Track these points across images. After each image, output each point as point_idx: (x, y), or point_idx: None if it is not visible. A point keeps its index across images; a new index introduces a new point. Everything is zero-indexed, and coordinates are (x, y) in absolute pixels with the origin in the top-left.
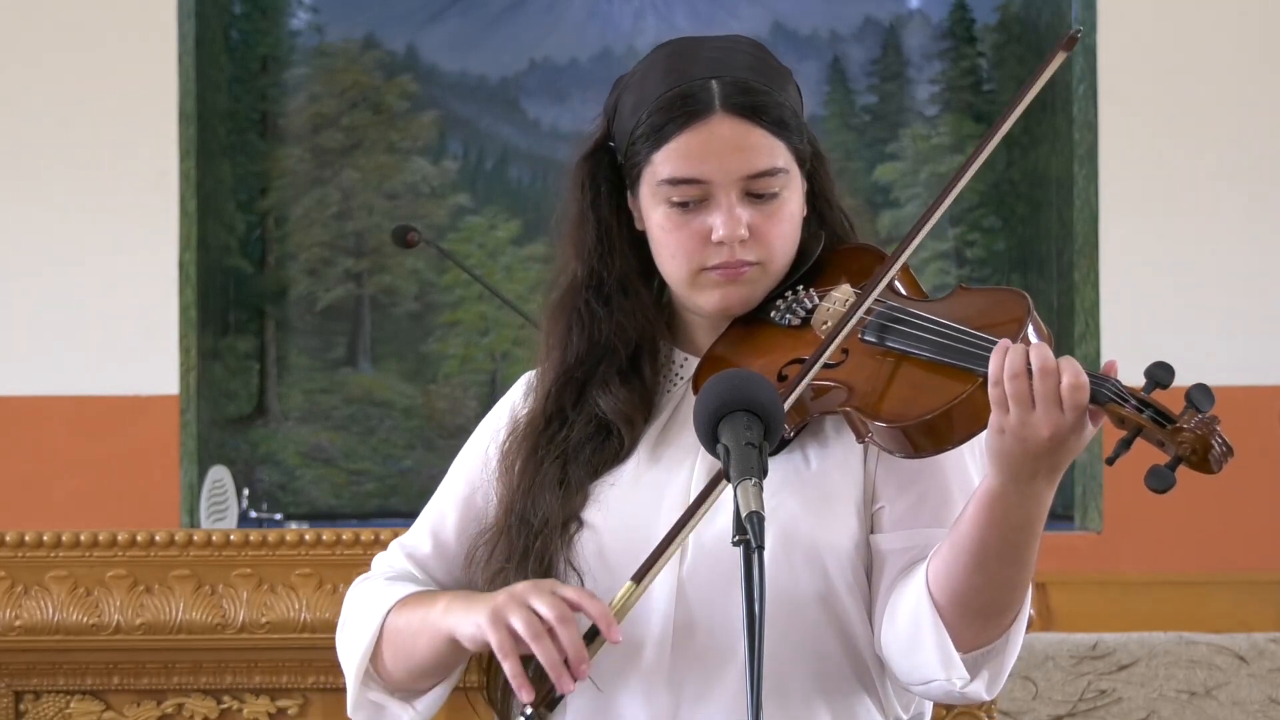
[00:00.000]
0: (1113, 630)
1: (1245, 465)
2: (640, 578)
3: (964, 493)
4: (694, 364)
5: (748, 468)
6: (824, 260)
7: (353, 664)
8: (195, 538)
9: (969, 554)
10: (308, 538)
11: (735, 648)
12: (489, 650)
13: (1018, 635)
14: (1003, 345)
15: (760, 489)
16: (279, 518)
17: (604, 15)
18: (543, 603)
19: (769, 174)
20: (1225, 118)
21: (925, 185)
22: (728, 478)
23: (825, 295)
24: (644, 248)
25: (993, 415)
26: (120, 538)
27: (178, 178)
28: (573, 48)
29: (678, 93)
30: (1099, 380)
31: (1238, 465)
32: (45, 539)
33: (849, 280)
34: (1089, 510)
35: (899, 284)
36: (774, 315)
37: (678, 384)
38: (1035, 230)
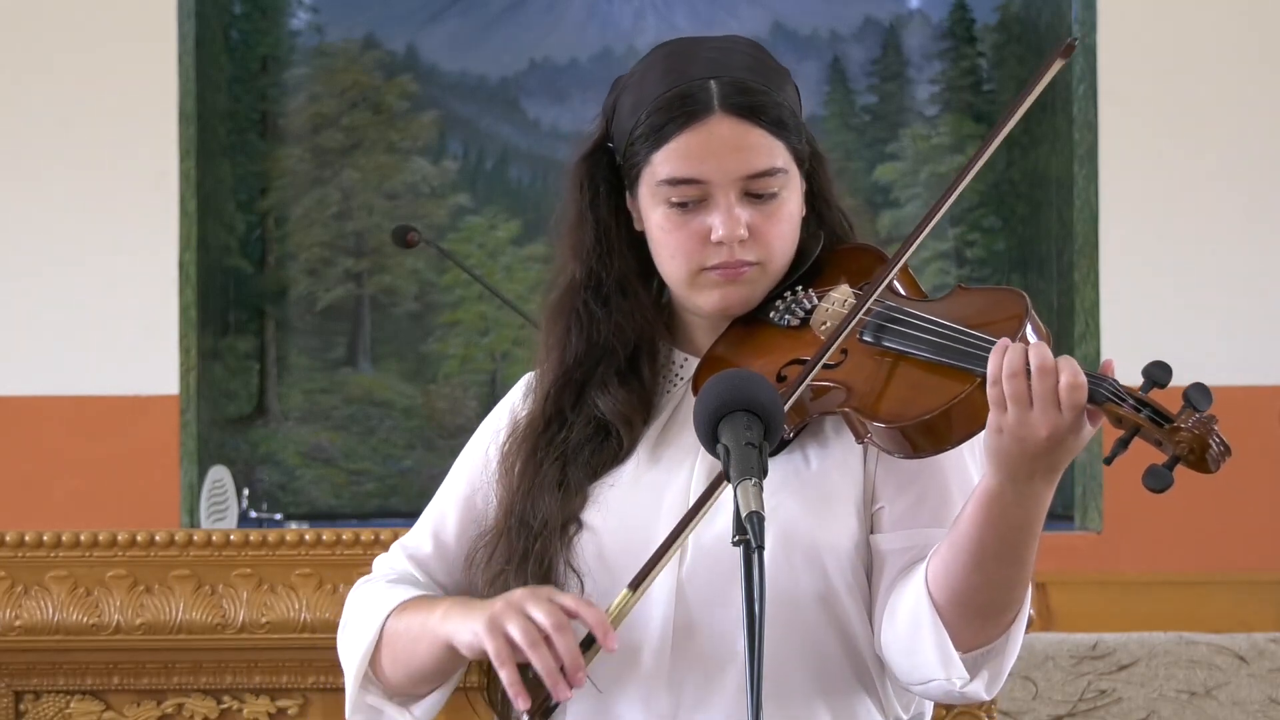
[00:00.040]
0: (1113, 630)
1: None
2: (637, 585)
3: (963, 492)
4: (694, 364)
5: (748, 468)
6: (823, 260)
7: (352, 667)
8: (195, 538)
9: (968, 553)
10: (308, 538)
11: (735, 649)
12: (487, 657)
13: (1017, 635)
14: (1002, 344)
15: (760, 489)
16: (279, 518)
17: (604, 15)
18: (540, 610)
19: (768, 174)
20: (1225, 118)
21: (925, 185)
22: (728, 477)
23: (824, 296)
24: (643, 248)
25: (991, 414)
26: (120, 538)
27: (178, 178)
28: (573, 48)
29: (676, 93)
30: (1097, 380)
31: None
32: (45, 539)
33: (848, 280)
34: (1089, 510)
35: (898, 284)
36: (773, 316)
37: (678, 384)
38: (1035, 230)
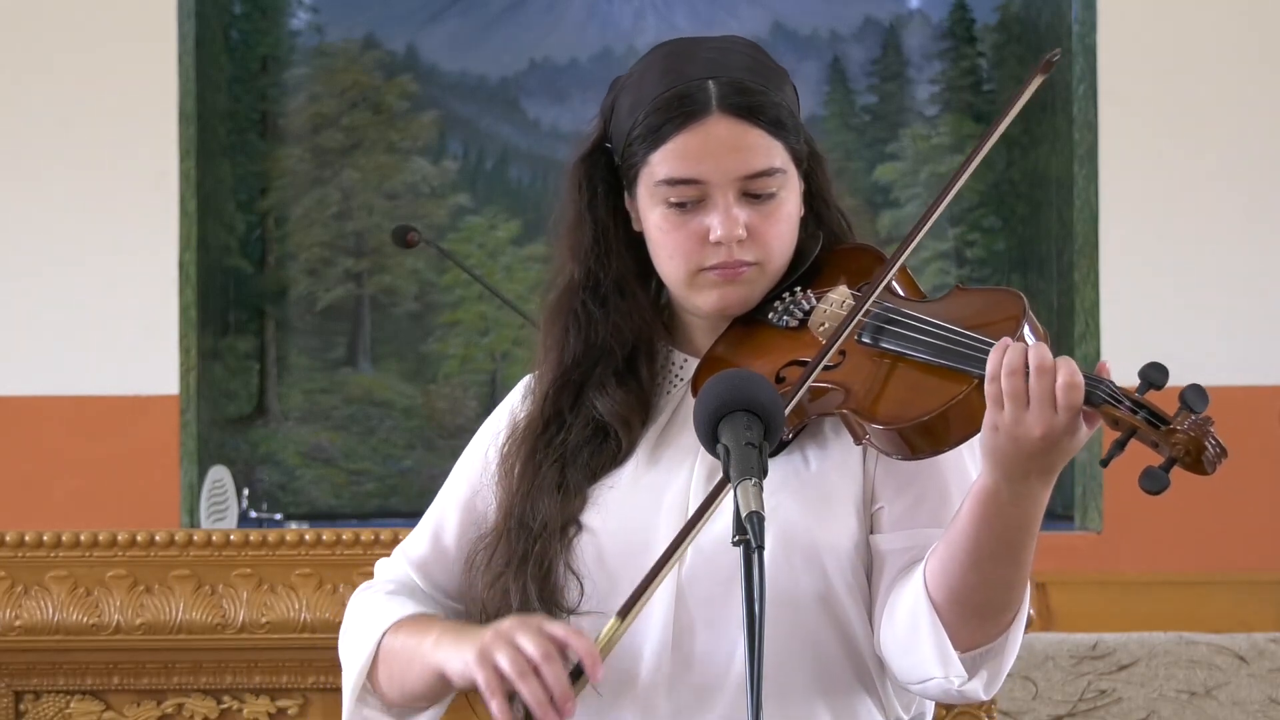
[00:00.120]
0: (1113, 630)
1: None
2: (625, 612)
3: (962, 492)
4: (693, 365)
5: (748, 468)
6: (822, 260)
7: (348, 682)
8: (195, 538)
9: (965, 553)
10: (308, 538)
11: (735, 651)
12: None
13: (1016, 635)
14: (1003, 343)
15: (760, 489)
16: (279, 518)
17: (604, 15)
18: (529, 640)
19: (766, 174)
20: (1225, 118)
21: (925, 185)
22: (728, 477)
23: (822, 297)
24: (641, 249)
25: (987, 412)
26: (120, 538)
27: (178, 178)
28: (573, 48)
29: (675, 93)
30: (1094, 381)
31: (1237, 465)
32: (45, 539)
33: (847, 281)
34: (1089, 510)
35: (896, 285)
36: (771, 317)
37: (677, 385)
38: (1035, 230)
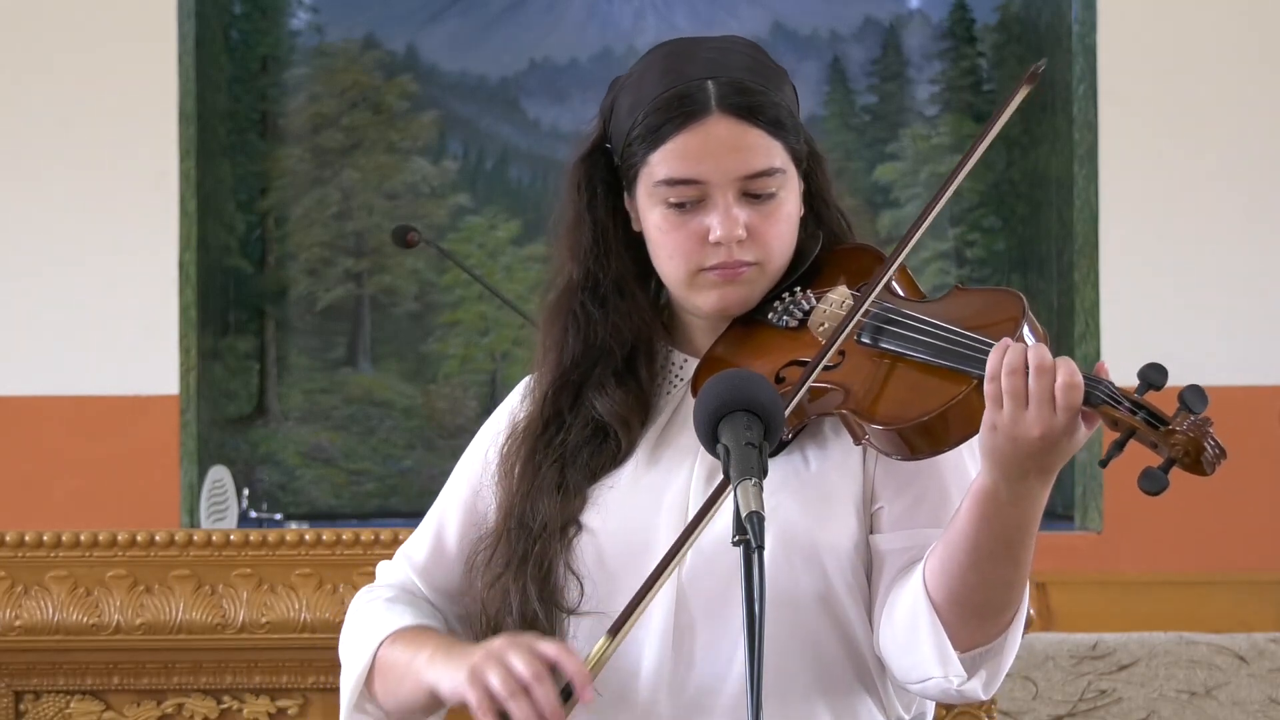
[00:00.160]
0: (1113, 630)
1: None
2: (616, 631)
3: (962, 492)
4: (693, 365)
5: (748, 468)
6: (821, 260)
7: (345, 690)
8: (195, 538)
9: (964, 553)
10: (308, 538)
11: (735, 651)
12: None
13: (1015, 635)
14: (1003, 343)
15: (760, 489)
16: (279, 518)
17: (604, 15)
18: (520, 660)
19: (766, 174)
20: (1225, 118)
21: (925, 185)
22: (727, 477)
23: (822, 297)
24: (641, 249)
25: (986, 411)
26: (120, 538)
27: (178, 178)
28: (573, 48)
29: (674, 93)
30: (1093, 382)
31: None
32: (45, 539)
33: (846, 281)
34: (1089, 510)
35: (896, 285)
36: (771, 317)
37: (677, 386)
38: (1035, 230)
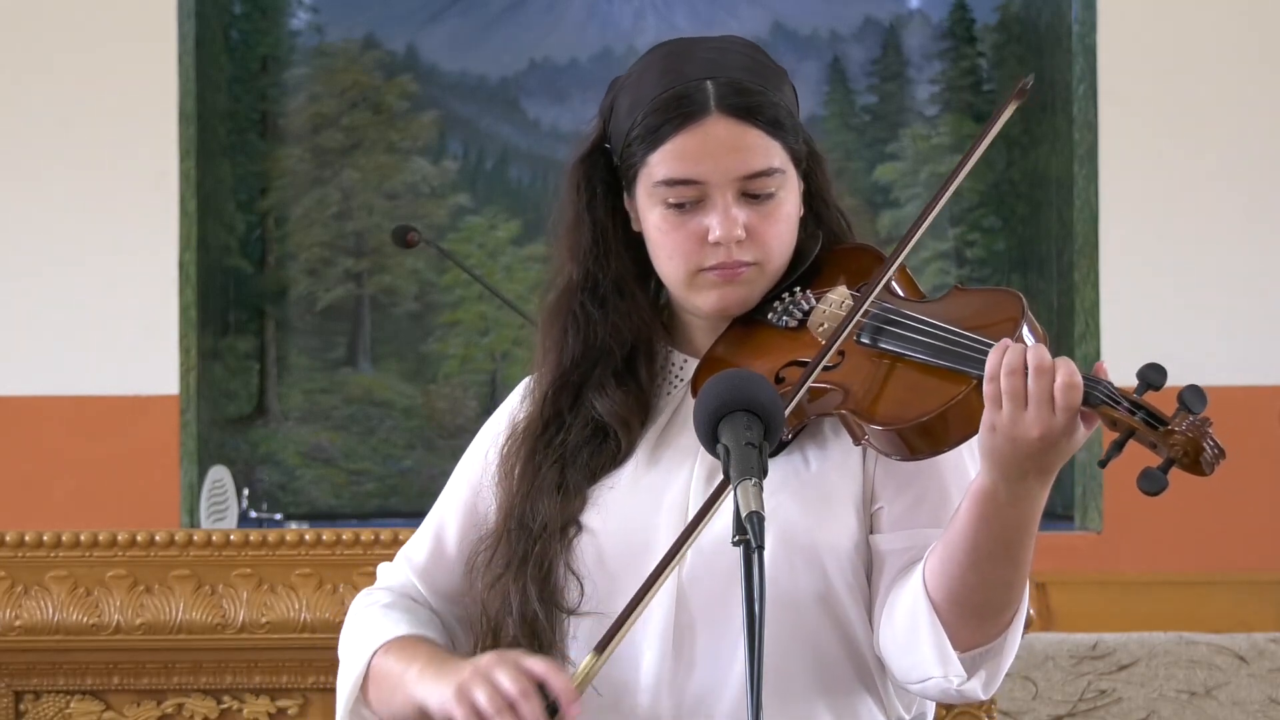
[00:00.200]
0: (1113, 630)
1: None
2: (602, 648)
3: (962, 492)
4: (693, 366)
5: (748, 468)
6: (821, 260)
7: (340, 697)
8: (195, 538)
9: (963, 553)
10: (308, 538)
11: (736, 651)
12: None
13: (1015, 635)
14: (1002, 344)
15: (760, 489)
16: (279, 518)
17: (604, 15)
18: (506, 677)
19: (765, 174)
20: (1225, 118)
21: (925, 185)
22: (727, 477)
23: (821, 297)
24: (640, 249)
25: (985, 412)
26: (120, 538)
27: (178, 178)
28: (573, 48)
29: (673, 94)
30: (1092, 382)
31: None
32: (45, 539)
33: (846, 281)
34: (1089, 510)
35: (896, 285)
36: (771, 317)
37: (677, 386)
38: (1035, 230)
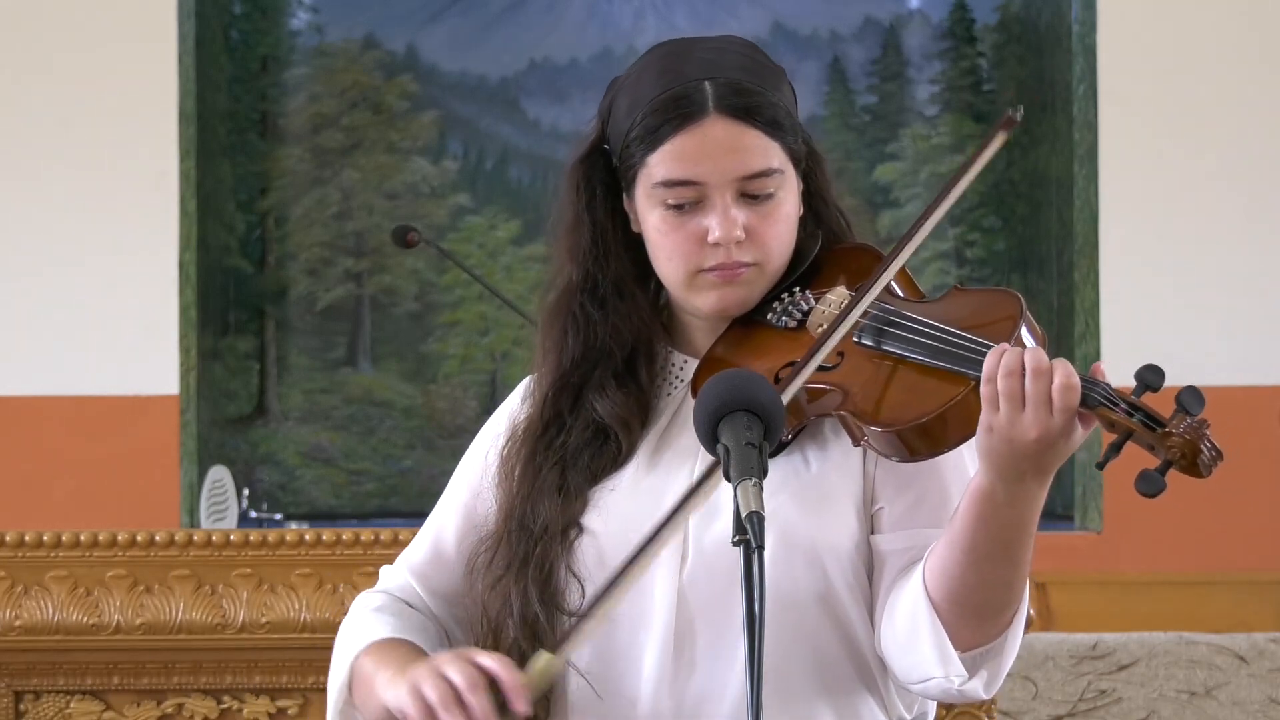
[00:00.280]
0: (1113, 630)
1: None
2: (556, 648)
3: (962, 492)
4: (693, 366)
5: (748, 468)
6: (821, 260)
7: (330, 699)
8: (195, 538)
9: (962, 553)
10: (308, 538)
11: (737, 652)
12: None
13: (1016, 635)
14: (1001, 346)
15: (760, 489)
16: (279, 518)
17: (604, 15)
18: (455, 671)
19: (764, 175)
20: (1225, 118)
21: (925, 185)
22: (727, 477)
23: (821, 298)
24: (640, 250)
25: (983, 413)
26: (120, 538)
27: (178, 178)
28: (573, 48)
29: (671, 95)
30: (1090, 384)
31: (1238, 465)
32: (45, 539)
33: (846, 281)
34: (1089, 510)
35: (895, 285)
36: (770, 317)
37: (678, 387)
38: (1035, 230)
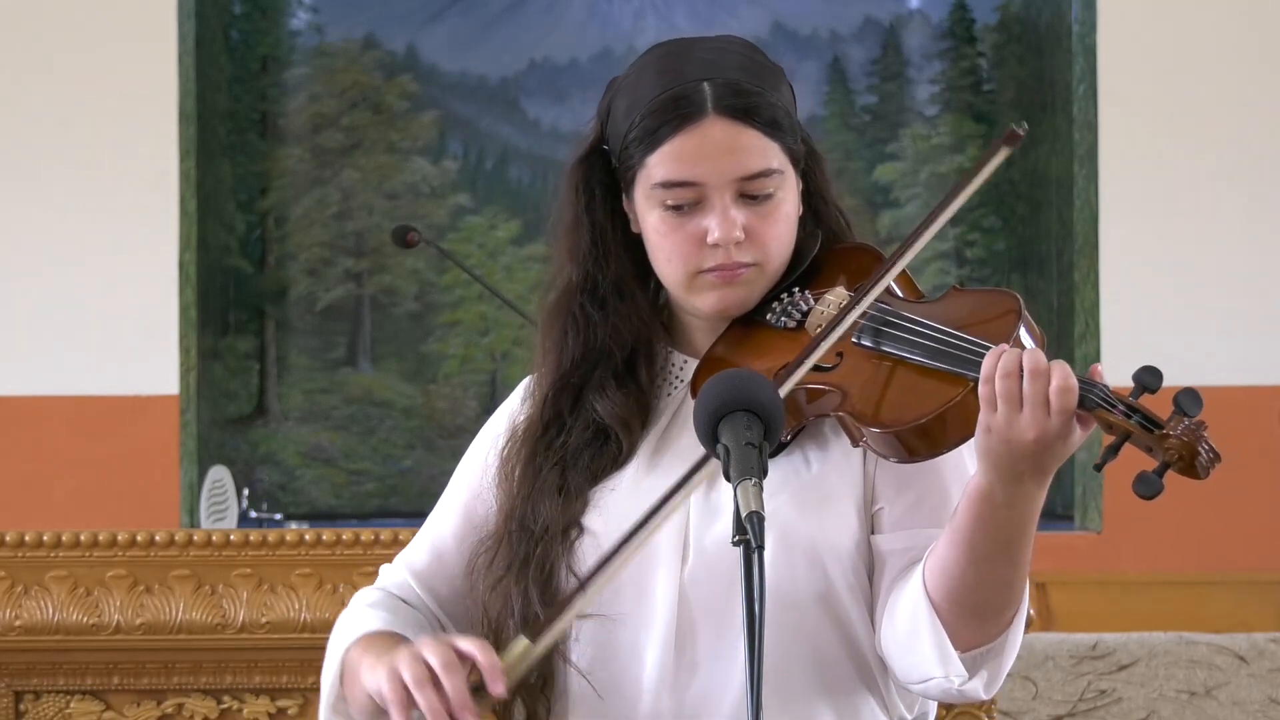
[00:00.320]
0: (1113, 630)
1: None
2: (535, 636)
3: (962, 492)
4: (693, 366)
5: (748, 468)
6: (821, 260)
7: (323, 692)
8: (195, 538)
9: (962, 553)
10: (308, 538)
11: (738, 653)
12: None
13: (1016, 635)
14: (999, 347)
15: (760, 489)
16: (279, 518)
17: (604, 15)
18: (431, 652)
19: (763, 175)
20: (1225, 118)
21: (925, 185)
22: (728, 477)
23: (820, 298)
24: (639, 250)
25: (981, 414)
26: (120, 538)
27: (178, 178)
28: (573, 48)
29: (670, 95)
30: (1088, 385)
31: (1238, 465)
32: (45, 539)
33: (846, 281)
34: (1089, 510)
35: (894, 285)
36: (770, 318)
37: (678, 387)
38: (1035, 230)
